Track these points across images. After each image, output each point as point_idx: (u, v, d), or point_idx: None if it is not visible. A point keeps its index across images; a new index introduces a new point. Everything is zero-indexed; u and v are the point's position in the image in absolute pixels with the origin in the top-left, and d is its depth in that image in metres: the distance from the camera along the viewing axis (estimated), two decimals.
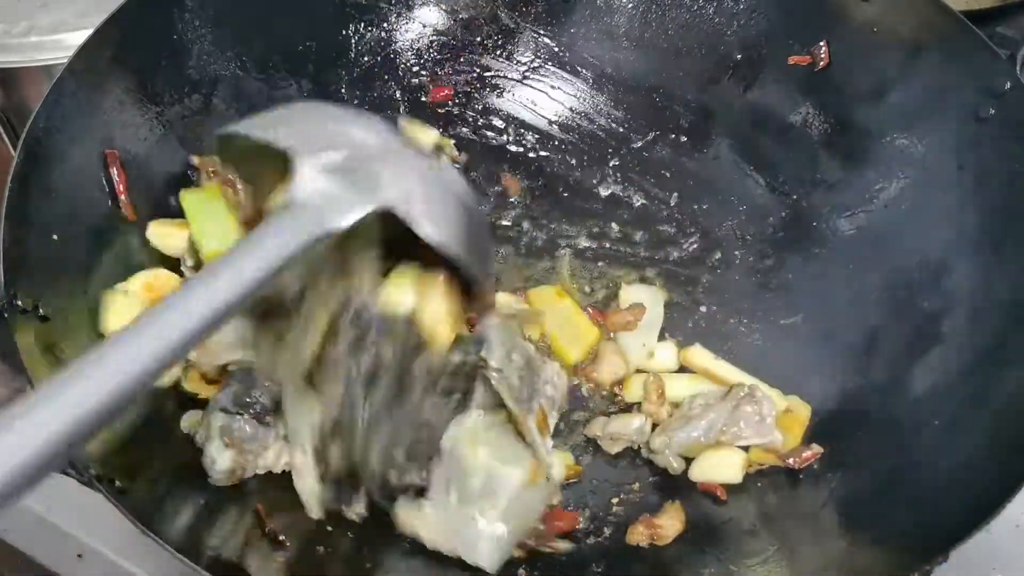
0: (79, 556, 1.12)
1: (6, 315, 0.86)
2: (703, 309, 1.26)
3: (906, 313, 1.14)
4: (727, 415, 1.07)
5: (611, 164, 1.39)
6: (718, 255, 1.31)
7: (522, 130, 1.42)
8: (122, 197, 1.05)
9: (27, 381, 0.85)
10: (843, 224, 1.25)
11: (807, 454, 1.07)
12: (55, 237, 0.96)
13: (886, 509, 0.96)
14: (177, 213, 1.11)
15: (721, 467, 1.07)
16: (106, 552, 1.12)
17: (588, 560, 1.01)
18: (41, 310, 0.90)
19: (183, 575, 0.99)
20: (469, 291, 0.91)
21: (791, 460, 1.07)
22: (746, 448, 1.09)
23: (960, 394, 1.01)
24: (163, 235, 1.09)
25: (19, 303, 0.88)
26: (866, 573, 0.92)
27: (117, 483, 0.82)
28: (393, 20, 1.37)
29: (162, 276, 1.06)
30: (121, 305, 1.00)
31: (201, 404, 1.01)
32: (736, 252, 1.31)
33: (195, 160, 1.17)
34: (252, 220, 0.95)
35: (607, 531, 1.05)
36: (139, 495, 0.85)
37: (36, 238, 0.94)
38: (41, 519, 1.14)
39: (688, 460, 1.10)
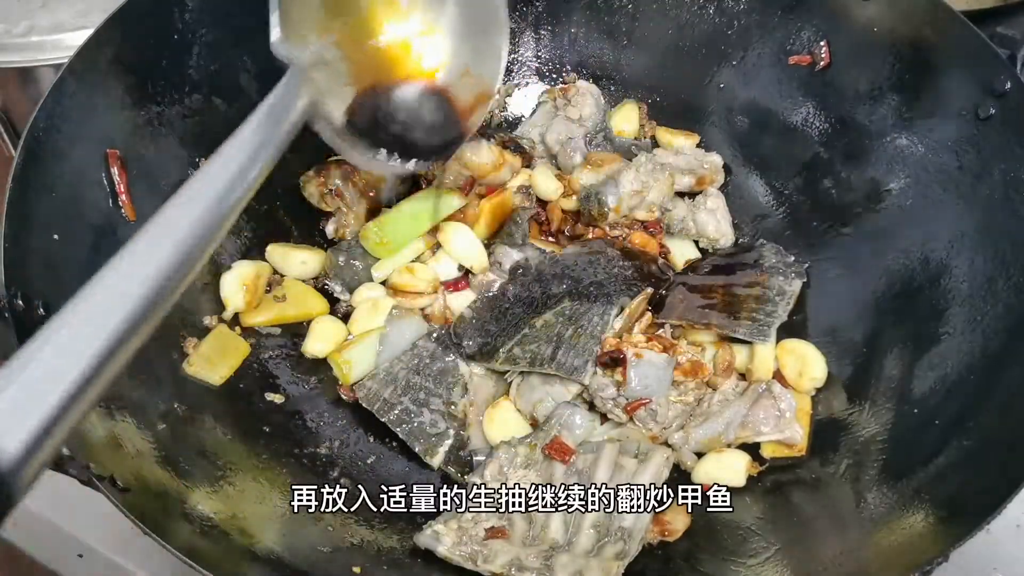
0: (79, 556, 1.12)
1: (6, 315, 0.86)
2: None
3: (906, 313, 1.14)
4: (746, 411, 1.08)
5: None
6: None
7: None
8: (123, 197, 1.05)
9: None
10: (843, 224, 1.25)
11: None
12: (55, 237, 0.96)
13: (886, 509, 0.96)
14: None
15: (725, 471, 1.07)
16: (106, 552, 1.12)
17: None
18: (41, 310, 0.90)
19: (183, 575, 0.99)
20: None
21: None
22: (757, 445, 1.10)
23: (960, 394, 1.01)
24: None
25: (19, 303, 0.88)
26: (866, 573, 0.92)
27: (118, 483, 0.82)
28: None
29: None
30: None
31: None
32: None
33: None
34: None
35: None
36: (139, 495, 0.85)
37: (36, 238, 0.94)
38: (41, 519, 1.14)
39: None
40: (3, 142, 1.37)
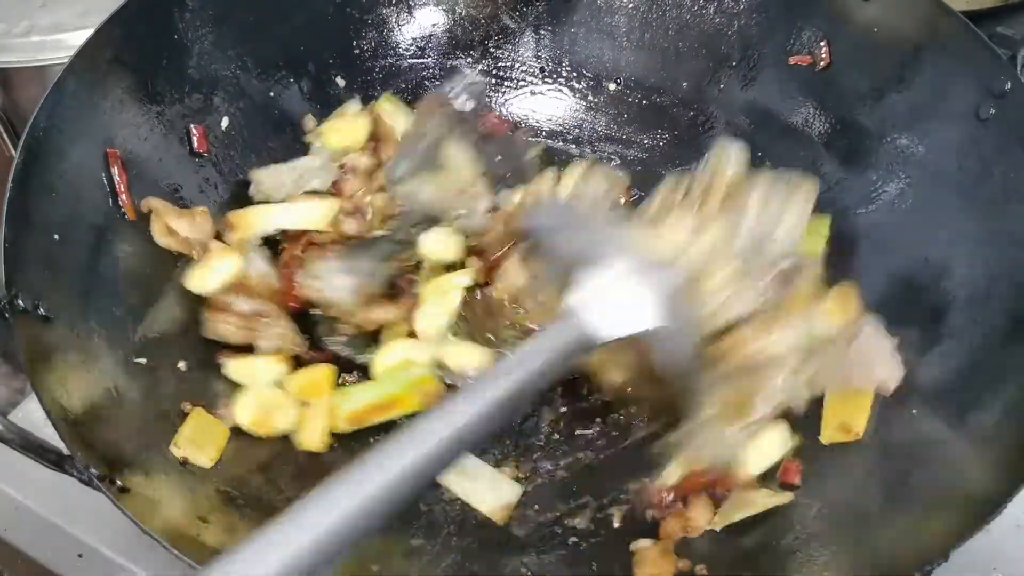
0: (79, 556, 1.12)
1: (6, 315, 0.86)
2: None
3: (907, 314, 1.13)
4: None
5: (610, 164, 1.39)
6: None
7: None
8: (122, 197, 1.06)
9: (27, 381, 0.85)
10: (843, 225, 1.25)
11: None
12: (55, 237, 0.96)
13: (886, 509, 0.96)
14: None
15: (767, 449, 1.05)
16: (106, 552, 1.12)
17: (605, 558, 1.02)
18: (41, 310, 0.90)
19: (183, 575, 0.99)
20: None
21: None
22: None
23: (961, 395, 1.01)
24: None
25: (19, 303, 0.88)
26: (866, 573, 0.92)
27: (118, 483, 0.82)
28: (393, 20, 1.37)
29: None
30: None
31: None
32: None
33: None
34: None
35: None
36: (139, 495, 0.85)
37: (36, 238, 0.94)
38: (41, 519, 1.14)
39: None
40: (3, 142, 1.37)
